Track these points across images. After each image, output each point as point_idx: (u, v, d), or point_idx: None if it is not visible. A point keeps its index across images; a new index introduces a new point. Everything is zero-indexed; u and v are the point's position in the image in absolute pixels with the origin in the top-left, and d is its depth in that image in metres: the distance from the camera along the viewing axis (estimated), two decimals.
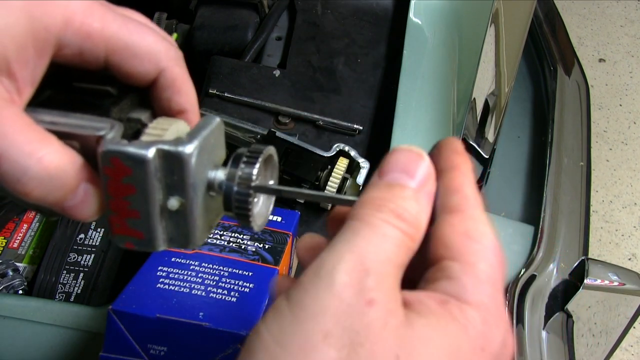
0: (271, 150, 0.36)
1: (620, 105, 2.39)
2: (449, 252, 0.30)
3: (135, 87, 0.37)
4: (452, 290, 0.29)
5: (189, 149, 0.32)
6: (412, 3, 0.86)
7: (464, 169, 0.33)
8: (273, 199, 0.38)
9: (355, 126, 0.80)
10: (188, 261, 0.55)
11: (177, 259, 0.55)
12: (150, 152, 0.32)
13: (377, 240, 0.29)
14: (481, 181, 0.89)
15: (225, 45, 0.87)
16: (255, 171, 0.34)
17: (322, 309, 0.26)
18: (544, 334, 0.72)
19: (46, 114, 0.35)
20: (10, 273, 0.71)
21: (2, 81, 0.32)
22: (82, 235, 0.73)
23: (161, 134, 0.34)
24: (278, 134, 0.76)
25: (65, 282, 0.70)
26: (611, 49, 2.60)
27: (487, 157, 0.86)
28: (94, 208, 0.35)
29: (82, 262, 0.71)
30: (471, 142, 0.85)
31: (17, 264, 0.73)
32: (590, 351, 0.85)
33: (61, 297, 0.69)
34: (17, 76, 0.32)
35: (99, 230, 0.73)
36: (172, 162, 0.32)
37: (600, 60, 2.55)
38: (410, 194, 0.31)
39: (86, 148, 0.34)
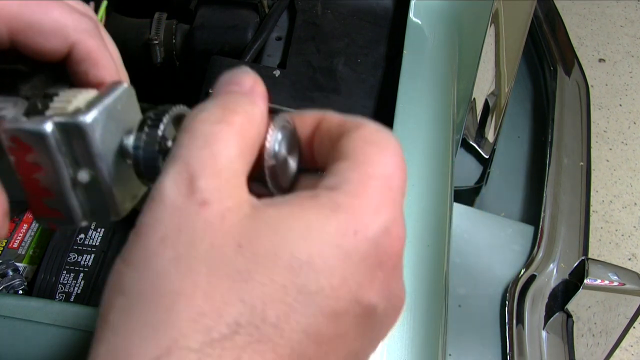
0: (182, 109, 0.33)
1: (620, 105, 2.39)
2: (342, 154, 0.29)
3: (51, 63, 0.36)
4: (329, 183, 0.28)
5: (88, 118, 0.30)
6: (412, 3, 0.86)
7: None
8: None
9: None
10: None
11: None
12: (48, 127, 0.30)
13: (198, 143, 0.27)
14: (481, 181, 0.89)
15: (225, 45, 0.87)
16: (159, 132, 0.31)
17: (156, 219, 0.26)
18: (544, 334, 0.72)
19: None
20: (10, 273, 0.71)
21: None
22: (82, 235, 0.73)
23: (65, 107, 0.32)
24: None
25: (65, 282, 0.70)
26: (611, 49, 2.60)
27: (487, 157, 0.86)
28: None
29: (82, 262, 0.71)
30: (471, 142, 0.85)
31: (17, 264, 0.73)
32: (590, 351, 0.85)
33: (61, 297, 0.69)
34: None
35: (99, 230, 0.73)
36: (73, 134, 0.30)
37: (600, 60, 2.55)
38: (239, 95, 0.30)
39: None
